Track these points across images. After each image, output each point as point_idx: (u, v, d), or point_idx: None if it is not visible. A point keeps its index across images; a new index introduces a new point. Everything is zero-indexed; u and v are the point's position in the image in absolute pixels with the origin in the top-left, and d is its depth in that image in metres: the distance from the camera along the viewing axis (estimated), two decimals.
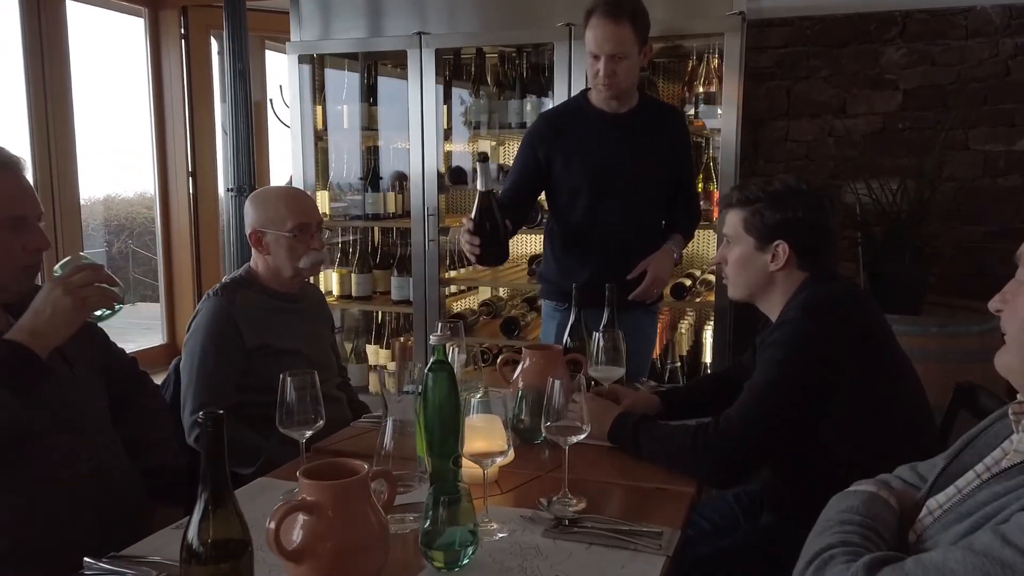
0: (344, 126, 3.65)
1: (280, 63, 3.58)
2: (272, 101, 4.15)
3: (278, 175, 4.55)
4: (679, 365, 3.26)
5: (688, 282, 3.16)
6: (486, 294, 3.85)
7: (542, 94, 3.23)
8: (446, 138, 3.47)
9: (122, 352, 1.76)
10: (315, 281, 3.54)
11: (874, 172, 3.05)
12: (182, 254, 4.57)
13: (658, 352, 3.29)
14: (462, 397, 1.37)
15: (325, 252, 2.06)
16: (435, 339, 1.36)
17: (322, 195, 3.62)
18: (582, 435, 1.38)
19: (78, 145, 3.99)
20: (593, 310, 1.97)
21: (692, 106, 3.14)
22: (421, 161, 3.33)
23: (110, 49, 5.06)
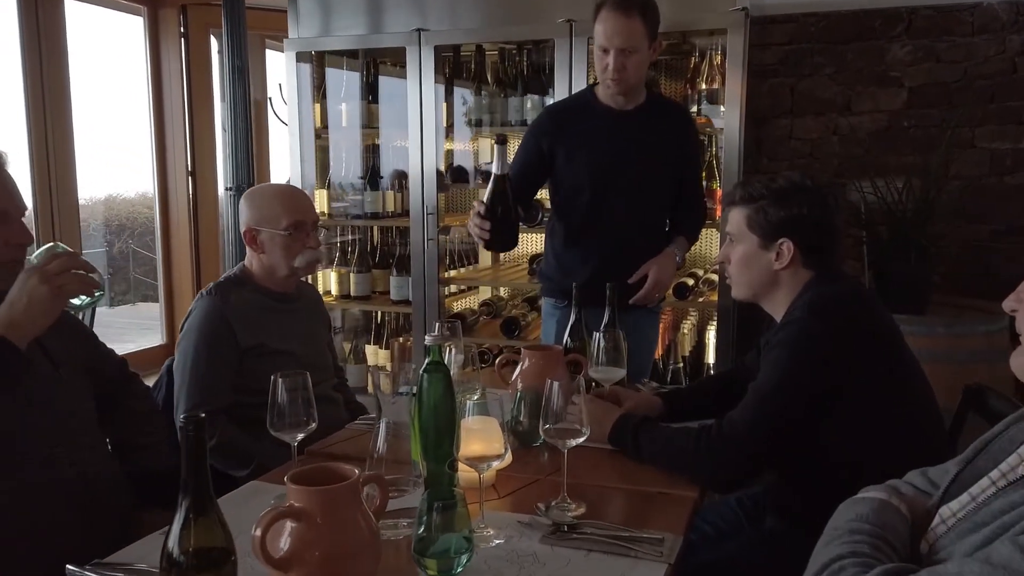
0: (343, 124, 3.63)
1: (281, 62, 3.56)
2: (271, 100, 4.13)
3: (278, 174, 4.52)
4: (681, 366, 3.23)
5: (691, 282, 3.12)
6: (486, 294, 3.81)
7: (543, 92, 3.20)
8: (446, 136, 3.44)
9: (111, 352, 1.72)
10: (313, 281, 3.52)
11: (879, 170, 3.02)
12: (181, 254, 4.55)
13: (660, 353, 3.25)
14: (458, 399, 1.34)
15: (321, 250, 2.03)
16: (430, 339, 1.32)
17: (320, 194, 3.60)
18: (581, 438, 1.35)
19: (77, 144, 3.97)
20: (594, 309, 1.93)
21: (695, 104, 3.11)
22: (420, 159, 3.30)
23: (109, 48, 5.04)
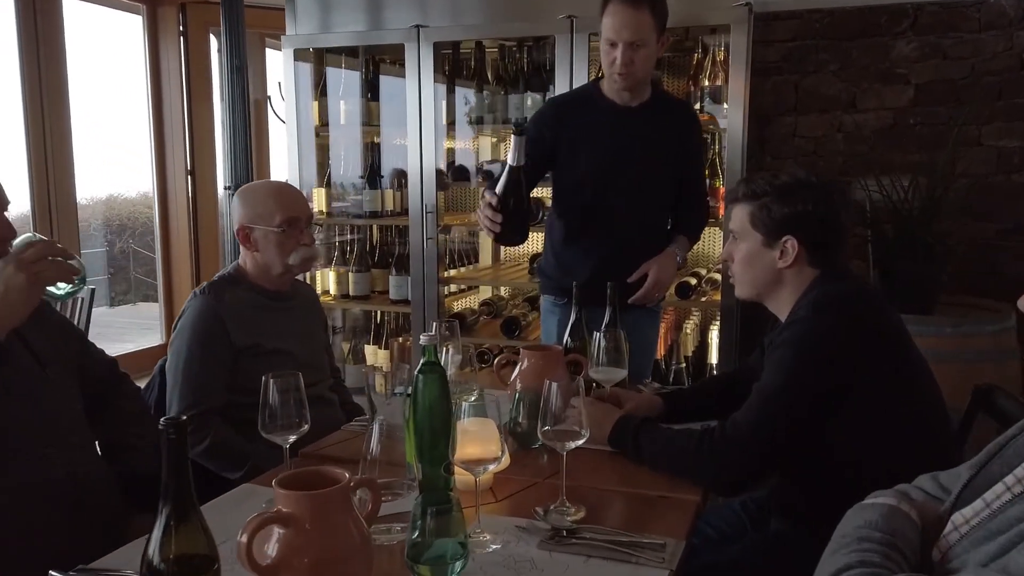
0: (342, 122, 3.60)
1: (281, 61, 3.53)
2: (271, 98, 4.10)
3: (278, 173, 4.50)
4: (684, 366, 3.21)
5: (693, 281, 3.09)
6: (487, 293, 3.78)
7: (543, 89, 3.17)
8: (447, 135, 3.41)
9: (101, 352, 1.70)
10: (311, 280, 3.49)
11: (884, 168, 2.99)
12: (181, 253, 4.53)
13: (662, 353, 3.22)
14: (455, 400, 1.30)
15: (316, 247, 1.99)
16: (425, 339, 1.29)
17: (319, 192, 3.57)
18: (580, 441, 1.32)
19: (76, 144, 3.95)
20: (594, 309, 1.90)
21: (697, 101, 3.08)
22: (419, 157, 3.27)
23: (108, 47, 5.02)
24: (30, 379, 1.39)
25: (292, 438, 1.34)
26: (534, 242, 3.62)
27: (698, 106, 3.05)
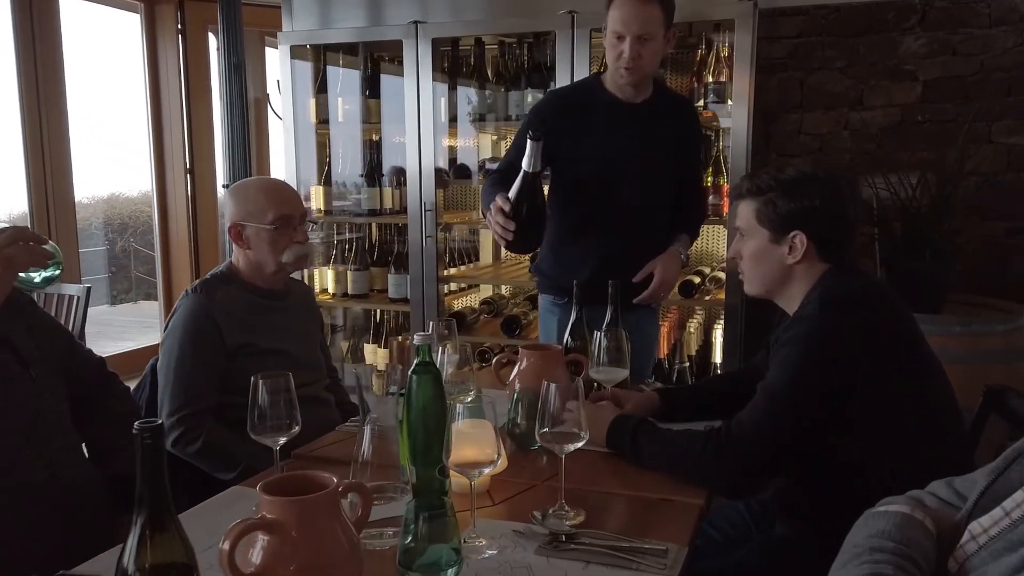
0: (340, 120, 3.57)
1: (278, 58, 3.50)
2: (270, 96, 4.07)
3: (277, 171, 4.47)
4: (687, 365, 3.17)
5: (697, 280, 3.05)
6: (487, 292, 3.74)
7: (544, 86, 3.13)
8: (448, 132, 3.37)
9: (89, 352, 1.66)
10: (309, 278, 3.45)
11: (892, 166, 2.95)
12: (180, 252, 4.50)
13: (666, 352, 3.18)
14: (450, 401, 1.26)
15: (310, 245, 1.95)
16: (419, 338, 1.25)
17: (317, 190, 3.53)
18: (579, 443, 1.28)
19: (75, 143, 3.92)
20: (594, 308, 1.85)
21: (701, 98, 3.03)
22: (418, 155, 3.24)
23: (106, 45, 4.99)
24: (11, 378, 1.35)
25: (282, 440, 1.31)
26: None
27: (702, 102, 3.01)
